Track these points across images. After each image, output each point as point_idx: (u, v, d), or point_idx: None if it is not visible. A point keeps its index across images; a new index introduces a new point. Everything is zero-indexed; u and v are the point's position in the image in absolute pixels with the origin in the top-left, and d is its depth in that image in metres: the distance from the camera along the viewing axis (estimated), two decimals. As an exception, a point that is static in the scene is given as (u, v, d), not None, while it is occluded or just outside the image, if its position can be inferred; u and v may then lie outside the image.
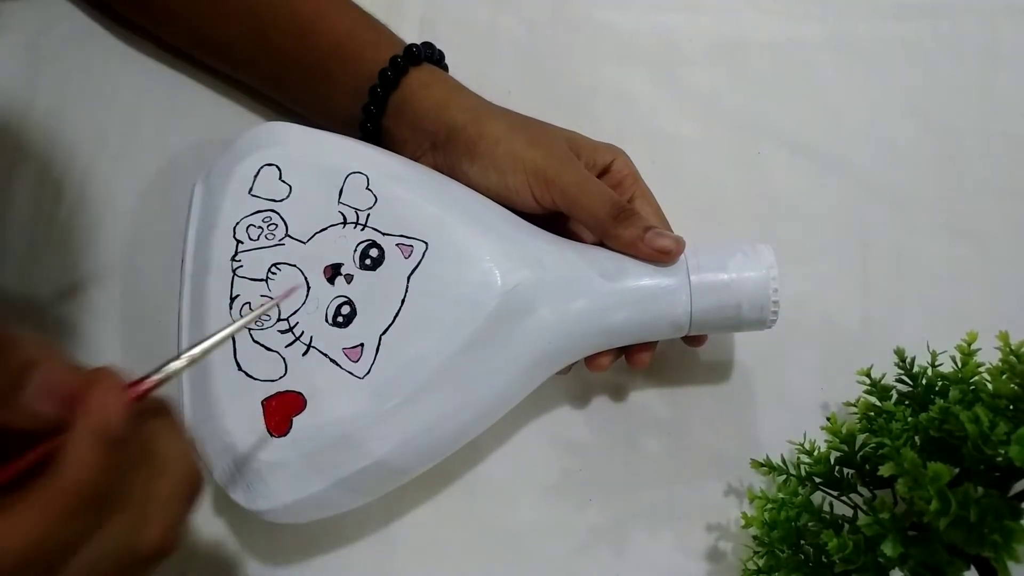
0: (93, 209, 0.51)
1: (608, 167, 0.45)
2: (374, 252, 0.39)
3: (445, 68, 0.47)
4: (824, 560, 0.37)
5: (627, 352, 0.43)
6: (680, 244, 0.40)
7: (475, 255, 0.38)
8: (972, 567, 0.35)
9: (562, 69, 0.54)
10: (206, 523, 0.45)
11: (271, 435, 0.37)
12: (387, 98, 0.44)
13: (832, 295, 0.49)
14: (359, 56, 0.45)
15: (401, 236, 0.39)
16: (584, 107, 0.53)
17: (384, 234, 0.39)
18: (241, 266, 0.39)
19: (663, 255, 0.40)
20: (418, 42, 0.46)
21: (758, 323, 0.41)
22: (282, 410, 0.37)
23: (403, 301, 0.38)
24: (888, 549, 0.34)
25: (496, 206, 0.42)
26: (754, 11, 0.55)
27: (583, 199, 0.41)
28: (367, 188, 0.40)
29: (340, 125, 0.46)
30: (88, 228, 0.51)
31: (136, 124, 0.53)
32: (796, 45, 0.54)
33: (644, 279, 0.40)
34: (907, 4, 0.55)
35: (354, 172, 0.40)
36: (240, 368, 0.38)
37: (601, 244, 0.42)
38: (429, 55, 0.46)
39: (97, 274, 0.50)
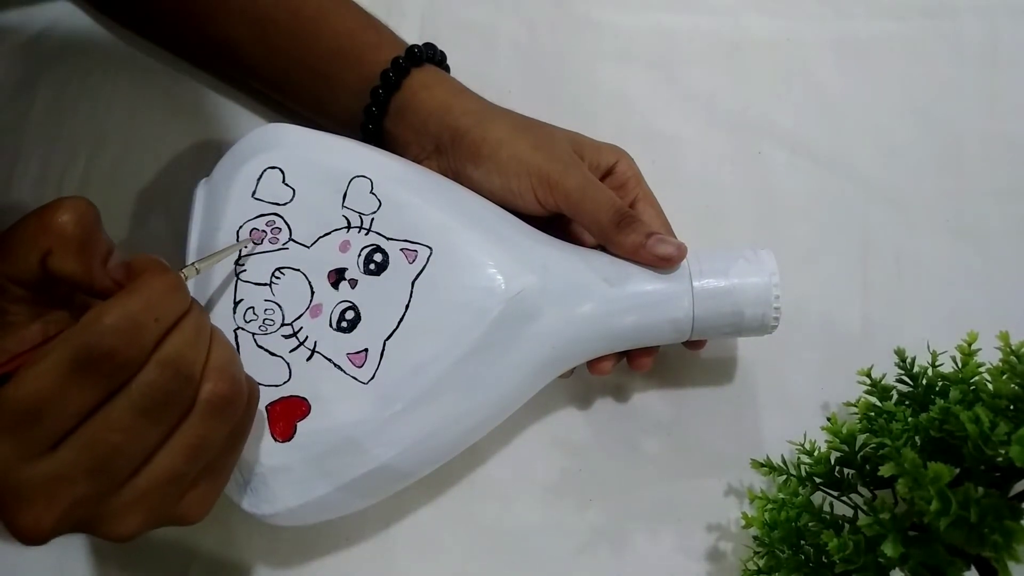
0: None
1: (612, 168, 0.45)
2: (378, 257, 0.39)
3: (447, 69, 0.47)
4: (824, 560, 0.37)
5: (629, 355, 0.43)
6: (682, 250, 0.40)
7: (479, 260, 0.38)
8: (972, 567, 0.35)
9: (562, 69, 0.54)
10: (207, 523, 0.45)
11: (275, 440, 0.37)
12: (388, 99, 0.44)
13: (832, 295, 0.49)
14: (360, 57, 0.45)
15: (405, 241, 0.39)
16: (584, 107, 0.53)
17: (388, 239, 0.39)
18: (244, 270, 0.39)
19: (665, 262, 0.40)
20: (418, 42, 0.46)
21: (760, 329, 0.41)
22: (286, 415, 0.37)
23: (407, 306, 0.38)
24: (888, 549, 0.34)
25: (501, 211, 0.42)
26: (754, 11, 0.55)
27: (586, 204, 0.41)
28: (371, 192, 0.40)
29: (341, 126, 0.46)
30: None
31: (136, 124, 0.53)
32: (796, 45, 0.54)
33: (647, 284, 0.40)
34: (907, 4, 0.55)
35: (358, 176, 0.40)
36: None
37: (603, 247, 0.42)
38: (431, 56, 0.46)
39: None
